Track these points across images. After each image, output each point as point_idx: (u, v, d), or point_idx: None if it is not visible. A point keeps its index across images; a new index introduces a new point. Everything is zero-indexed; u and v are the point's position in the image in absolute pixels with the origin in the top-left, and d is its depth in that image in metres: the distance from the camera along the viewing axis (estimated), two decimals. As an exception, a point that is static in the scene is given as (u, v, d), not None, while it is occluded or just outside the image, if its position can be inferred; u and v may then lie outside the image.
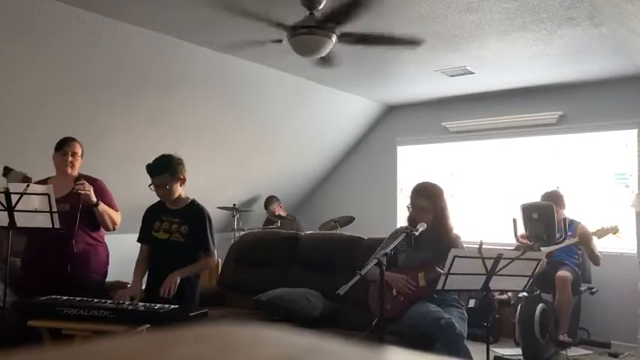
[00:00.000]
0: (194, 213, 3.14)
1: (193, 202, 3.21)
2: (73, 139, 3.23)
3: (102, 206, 3.14)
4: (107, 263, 3.32)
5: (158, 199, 3.21)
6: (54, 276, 3.00)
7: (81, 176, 3.16)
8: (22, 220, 2.79)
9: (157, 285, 2.97)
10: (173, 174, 3.09)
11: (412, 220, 3.16)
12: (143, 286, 3.14)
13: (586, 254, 4.50)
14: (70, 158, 3.16)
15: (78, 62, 3.96)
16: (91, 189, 3.08)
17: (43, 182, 3.12)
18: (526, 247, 3.83)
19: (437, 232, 3.13)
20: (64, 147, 3.18)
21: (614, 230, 4.42)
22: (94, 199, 3.09)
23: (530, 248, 3.77)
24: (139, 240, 3.25)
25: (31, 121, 4.10)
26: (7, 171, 2.89)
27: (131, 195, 3.32)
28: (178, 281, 2.94)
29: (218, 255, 5.03)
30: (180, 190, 3.17)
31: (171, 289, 2.90)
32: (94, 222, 3.18)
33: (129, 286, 3.13)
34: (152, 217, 3.18)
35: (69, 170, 3.16)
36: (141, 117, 4.70)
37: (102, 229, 3.27)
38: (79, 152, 3.22)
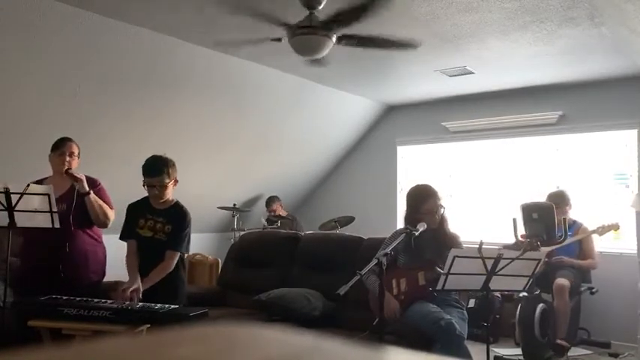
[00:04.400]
0: (178, 214, 3.19)
1: (177, 203, 3.25)
2: (69, 139, 3.21)
3: (93, 196, 3.12)
4: (105, 264, 3.31)
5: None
6: (49, 277, 2.99)
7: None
8: (22, 220, 2.79)
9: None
10: (170, 175, 3.13)
11: (412, 221, 3.15)
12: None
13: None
14: (68, 158, 3.14)
15: (78, 63, 3.96)
16: (83, 177, 3.08)
17: (40, 182, 3.10)
18: (526, 245, 3.82)
19: (438, 232, 3.13)
20: (61, 147, 3.16)
21: (616, 227, 4.43)
22: (87, 187, 3.09)
23: (530, 245, 3.77)
24: (122, 237, 3.24)
25: (31, 122, 4.09)
26: None
27: (132, 196, 3.32)
28: (141, 289, 2.95)
29: (218, 255, 5.07)
30: (171, 191, 3.20)
31: (134, 298, 2.90)
32: (90, 219, 3.17)
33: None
34: (137, 214, 3.19)
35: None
36: (141, 117, 4.70)
37: (100, 229, 3.26)
38: (76, 152, 3.20)
